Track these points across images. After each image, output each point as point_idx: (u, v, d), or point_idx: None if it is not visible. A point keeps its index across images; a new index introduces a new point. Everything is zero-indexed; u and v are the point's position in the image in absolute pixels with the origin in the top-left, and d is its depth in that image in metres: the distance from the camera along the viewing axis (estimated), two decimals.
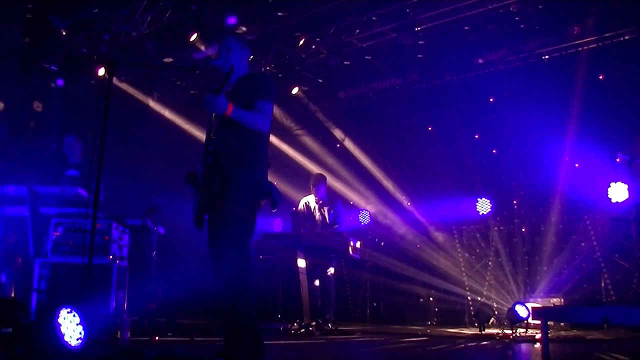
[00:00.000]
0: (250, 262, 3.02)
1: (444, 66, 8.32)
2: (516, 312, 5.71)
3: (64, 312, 3.25)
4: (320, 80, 9.31)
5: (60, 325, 3.19)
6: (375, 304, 8.92)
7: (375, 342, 5.76)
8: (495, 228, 8.26)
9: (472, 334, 6.24)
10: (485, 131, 8.54)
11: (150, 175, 8.91)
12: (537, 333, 5.55)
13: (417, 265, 8.67)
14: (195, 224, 3.07)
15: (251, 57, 3.48)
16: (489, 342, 5.39)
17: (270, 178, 3.24)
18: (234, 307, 2.96)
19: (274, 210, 3.21)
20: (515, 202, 8.26)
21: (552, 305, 6.47)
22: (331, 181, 8.74)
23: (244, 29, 7.59)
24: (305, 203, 6.91)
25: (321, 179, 6.97)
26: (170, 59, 8.20)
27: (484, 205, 8.31)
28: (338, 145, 9.85)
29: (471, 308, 8.02)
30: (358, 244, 6.68)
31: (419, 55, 8.08)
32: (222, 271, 3.02)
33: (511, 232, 8.18)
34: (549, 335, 4.12)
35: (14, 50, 7.20)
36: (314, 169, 9.46)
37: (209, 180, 3.07)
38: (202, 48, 7.97)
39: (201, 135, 3.13)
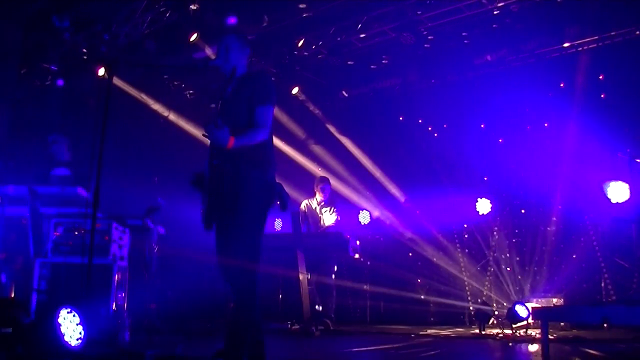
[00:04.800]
0: (259, 264, 3.01)
1: (444, 66, 8.31)
2: (516, 312, 5.71)
3: (64, 312, 3.25)
4: (320, 80, 9.30)
5: (60, 325, 3.20)
6: (375, 304, 8.91)
7: (375, 342, 5.76)
8: (496, 228, 8.25)
9: (472, 334, 6.24)
10: (485, 131, 8.53)
11: (150, 175, 8.91)
12: (537, 333, 5.55)
13: (417, 265, 8.67)
14: (205, 226, 3.07)
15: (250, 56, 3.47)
16: (489, 342, 5.39)
17: None
18: (239, 308, 2.95)
19: (283, 211, 3.22)
20: (515, 202, 8.26)
21: (552, 305, 6.47)
22: (331, 181, 8.74)
23: (256, 29, 7.58)
24: (307, 204, 6.94)
25: (325, 181, 7.04)
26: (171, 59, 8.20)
27: (484, 205, 8.30)
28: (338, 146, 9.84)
29: (471, 308, 8.02)
30: (358, 244, 6.69)
31: (420, 55, 8.07)
32: (230, 272, 3.00)
33: (511, 232, 8.18)
34: (549, 335, 4.12)
35: (14, 50, 7.19)
36: (313, 168, 9.46)
37: (218, 182, 3.06)
38: (202, 48, 7.96)
39: (201, 135, 3.11)
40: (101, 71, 8.15)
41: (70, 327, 3.26)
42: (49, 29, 7.47)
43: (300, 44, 8.18)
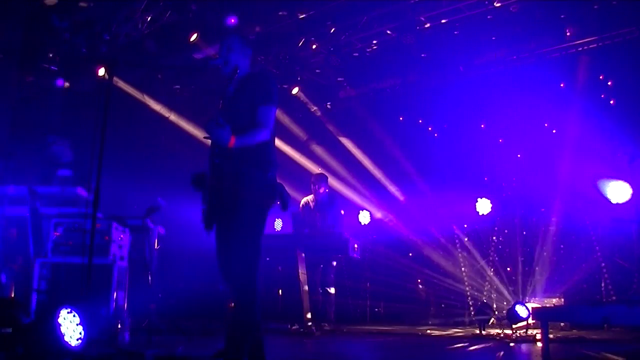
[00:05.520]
0: (258, 264, 3.01)
1: (443, 66, 8.31)
2: (516, 312, 5.71)
3: (64, 312, 3.25)
4: (320, 81, 9.30)
5: (60, 325, 3.20)
6: (375, 304, 8.92)
7: (374, 342, 5.76)
8: (495, 228, 8.25)
9: (472, 334, 6.24)
10: (485, 131, 8.54)
11: (150, 175, 8.91)
12: (537, 333, 5.55)
13: (417, 265, 8.67)
14: (205, 226, 3.06)
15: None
16: (489, 342, 5.39)
17: None
18: (239, 308, 2.95)
19: (284, 211, 3.21)
20: (515, 202, 8.26)
21: (552, 305, 6.47)
22: (331, 181, 8.74)
23: (257, 29, 7.59)
24: (306, 203, 6.92)
25: (322, 178, 6.98)
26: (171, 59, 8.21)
27: (484, 205, 8.30)
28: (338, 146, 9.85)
29: (471, 308, 8.02)
30: (358, 244, 6.69)
31: (420, 55, 8.07)
32: (230, 272, 3.00)
33: (511, 231, 8.17)
34: (549, 335, 4.12)
35: (14, 50, 7.20)
36: (313, 168, 9.45)
37: (218, 181, 3.05)
38: (202, 48, 7.96)
39: (201, 134, 3.15)
40: (101, 71, 8.16)
41: (70, 327, 3.26)
42: (49, 29, 7.47)
43: (300, 44, 8.19)
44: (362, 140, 9.62)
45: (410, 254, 8.83)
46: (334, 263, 6.70)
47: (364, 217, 9.40)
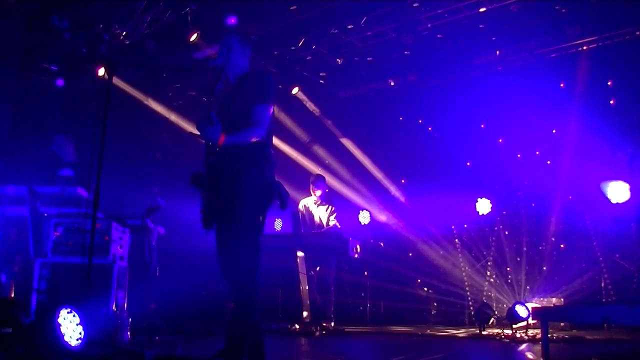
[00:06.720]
0: (258, 263, 3.00)
1: (443, 66, 8.31)
2: (516, 312, 5.71)
3: (64, 312, 3.26)
4: (320, 81, 9.30)
5: (60, 325, 3.20)
6: (375, 304, 8.92)
7: (375, 342, 5.76)
8: (495, 228, 8.25)
9: (472, 334, 6.25)
10: (485, 131, 8.53)
11: (150, 175, 8.91)
12: (537, 333, 5.55)
13: (417, 265, 8.66)
14: (203, 225, 3.05)
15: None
16: (489, 342, 5.39)
17: None
18: (239, 307, 2.94)
19: (283, 210, 3.20)
20: (515, 201, 8.26)
21: (552, 305, 6.47)
22: (331, 181, 8.74)
23: (256, 29, 7.58)
24: (305, 205, 6.93)
25: (320, 179, 7.02)
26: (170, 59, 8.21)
27: (484, 205, 8.30)
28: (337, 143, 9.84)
29: (471, 308, 8.02)
30: (358, 244, 6.69)
31: (420, 55, 8.06)
32: (230, 271, 3.00)
33: (511, 231, 8.17)
34: (549, 335, 4.11)
35: (14, 50, 7.20)
36: (313, 168, 9.46)
37: (215, 180, 3.04)
38: (202, 48, 7.96)
39: (188, 133, 3.17)
40: (101, 71, 8.16)
41: (70, 327, 3.27)
42: (49, 29, 7.47)
43: (300, 44, 8.19)
44: (362, 140, 9.62)
45: (411, 254, 8.83)
46: (331, 272, 6.71)
47: (364, 217, 9.39)
